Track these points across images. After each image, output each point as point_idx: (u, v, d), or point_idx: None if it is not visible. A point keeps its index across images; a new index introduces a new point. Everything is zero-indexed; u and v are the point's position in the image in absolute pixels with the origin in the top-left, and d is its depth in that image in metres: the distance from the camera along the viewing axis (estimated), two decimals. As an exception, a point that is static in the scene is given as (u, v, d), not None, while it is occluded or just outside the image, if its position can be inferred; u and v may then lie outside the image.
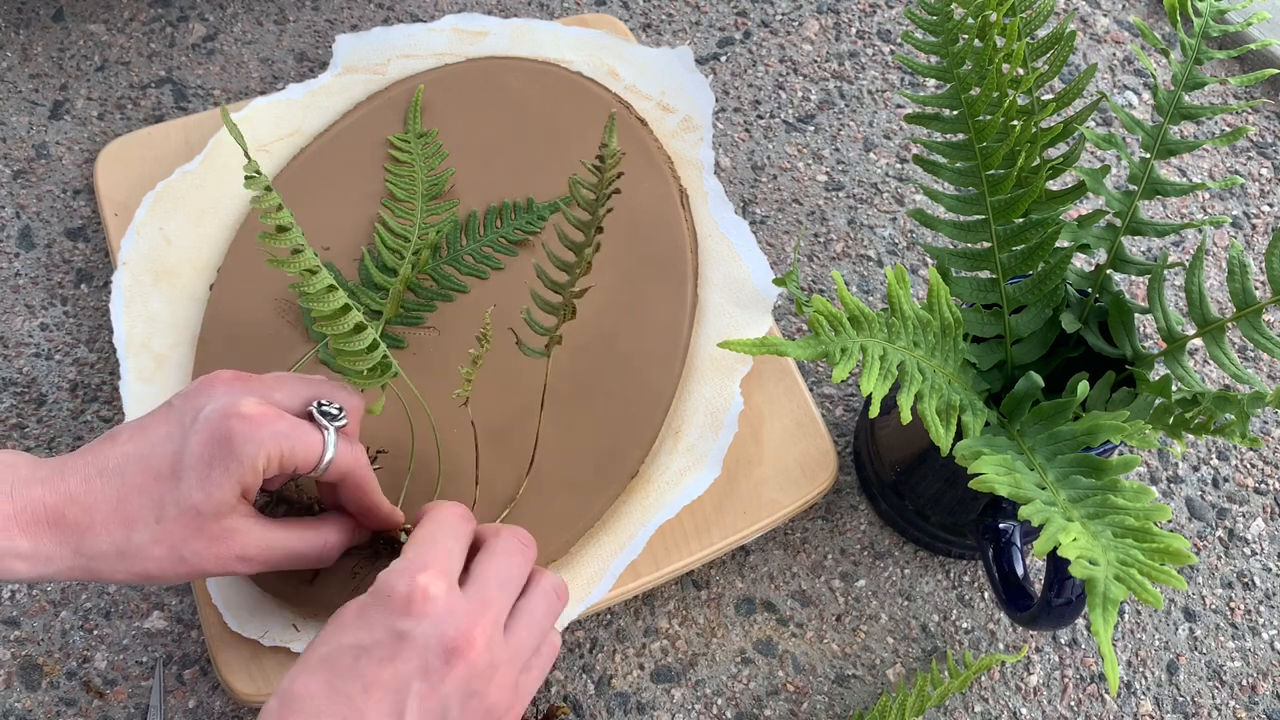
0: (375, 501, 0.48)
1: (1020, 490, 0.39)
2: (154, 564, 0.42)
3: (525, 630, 0.43)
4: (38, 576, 0.41)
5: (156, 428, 0.43)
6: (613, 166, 0.45)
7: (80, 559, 0.41)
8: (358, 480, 0.46)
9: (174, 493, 0.42)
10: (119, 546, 0.41)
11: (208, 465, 0.42)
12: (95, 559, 0.41)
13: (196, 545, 0.42)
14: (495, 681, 0.41)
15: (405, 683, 0.39)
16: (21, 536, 0.40)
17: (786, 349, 0.39)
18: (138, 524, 0.41)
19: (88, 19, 0.74)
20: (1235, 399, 0.41)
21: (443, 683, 0.39)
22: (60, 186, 0.67)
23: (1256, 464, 0.62)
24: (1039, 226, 0.48)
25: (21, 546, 0.40)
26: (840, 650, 0.56)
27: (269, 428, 0.42)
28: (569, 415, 0.55)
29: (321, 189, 0.62)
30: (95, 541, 0.41)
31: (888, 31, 0.77)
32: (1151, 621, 0.58)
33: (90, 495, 0.41)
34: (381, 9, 0.76)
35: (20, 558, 0.40)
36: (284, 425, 0.43)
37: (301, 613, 0.51)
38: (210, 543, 0.42)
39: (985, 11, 0.48)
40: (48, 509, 0.41)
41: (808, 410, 0.58)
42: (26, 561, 0.41)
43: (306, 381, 0.47)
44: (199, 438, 0.42)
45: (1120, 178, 0.71)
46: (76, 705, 0.52)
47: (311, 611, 0.51)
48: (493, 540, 0.44)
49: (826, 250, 0.68)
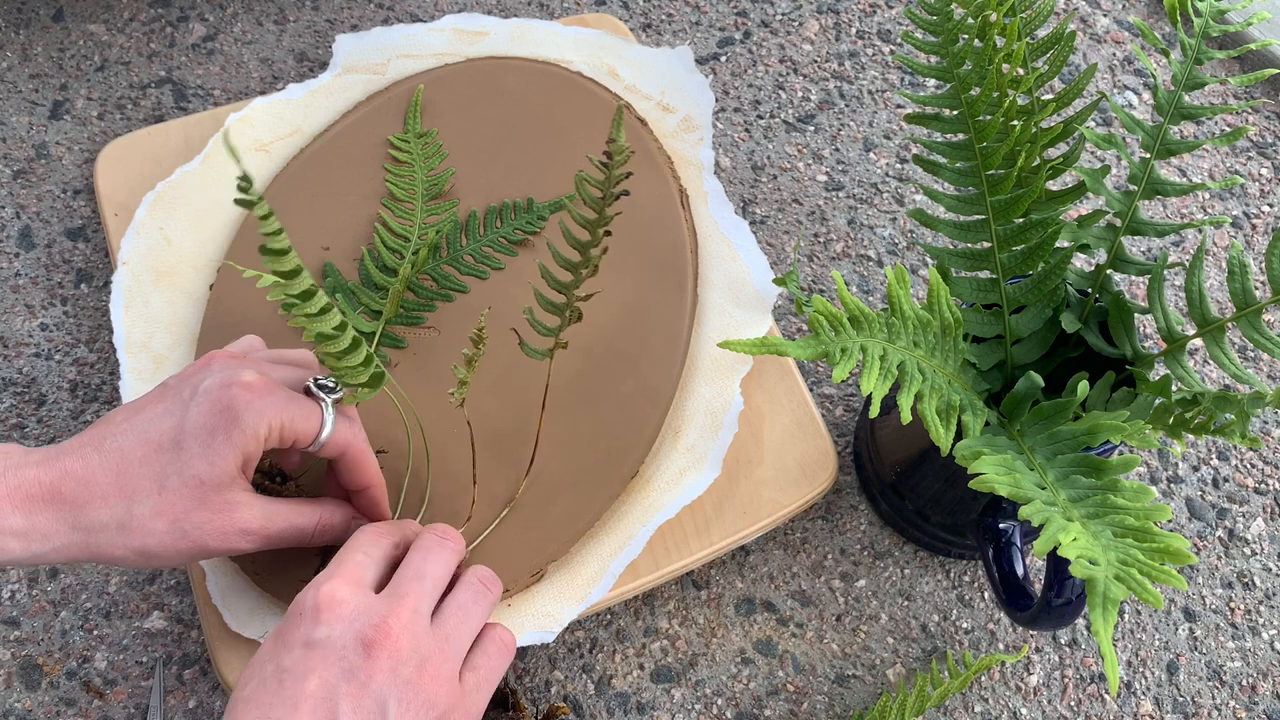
0: (372, 479, 0.48)
1: (1020, 490, 0.39)
2: (155, 538, 0.42)
3: (453, 619, 0.42)
4: (34, 556, 0.40)
5: (154, 405, 0.43)
6: (621, 164, 0.44)
7: (78, 534, 0.41)
8: (355, 455, 0.46)
9: (176, 463, 0.41)
10: (119, 519, 0.41)
11: (210, 434, 0.42)
12: (94, 532, 0.41)
13: (199, 517, 0.42)
14: (428, 671, 0.40)
15: (332, 689, 0.38)
16: (15, 513, 0.40)
17: (786, 349, 0.39)
18: (139, 495, 0.41)
19: (88, 19, 0.74)
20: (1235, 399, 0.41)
21: (370, 679, 0.39)
22: (60, 186, 0.67)
23: (1256, 464, 0.62)
24: (1039, 226, 0.48)
25: (15, 523, 0.40)
26: (840, 650, 0.56)
27: (270, 397, 0.43)
28: (569, 415, 0.55)
29: (321, 189, 0.62)
30: (95, 514, 0.41)
31: (888, 31, 0.77)
32: (1151, 621, 0.58)
33: (88, 470, 0.41)
34: (381, 9, 0.76)
35: (14, 535, 0.40)
36: (284, 395, 0.44)
37: (301, 613, 0.51)
38: (213, 514, 0.42)
39: (985, 11, 0.48)
40: (43, 486, 0.40)
41: (808, 410, 0.58)
42: (21, 539, 0.40)
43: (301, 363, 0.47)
44: (201, 408, 0.42)
45: (1120, 178, 0.71)
46: (76, 705, 0.52)
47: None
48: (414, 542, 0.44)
49: (826, 250, 0.68)
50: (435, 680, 0.40)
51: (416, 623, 0.41)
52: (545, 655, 0.55)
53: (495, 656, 0.44)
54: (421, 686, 0.40)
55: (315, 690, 0.38)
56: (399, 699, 0.39)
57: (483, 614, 0.44)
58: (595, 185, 0.45)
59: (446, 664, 0.41)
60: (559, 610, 0.51)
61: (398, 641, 0.40)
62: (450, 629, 0.42)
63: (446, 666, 0.41)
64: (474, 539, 0.52)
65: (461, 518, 0.52)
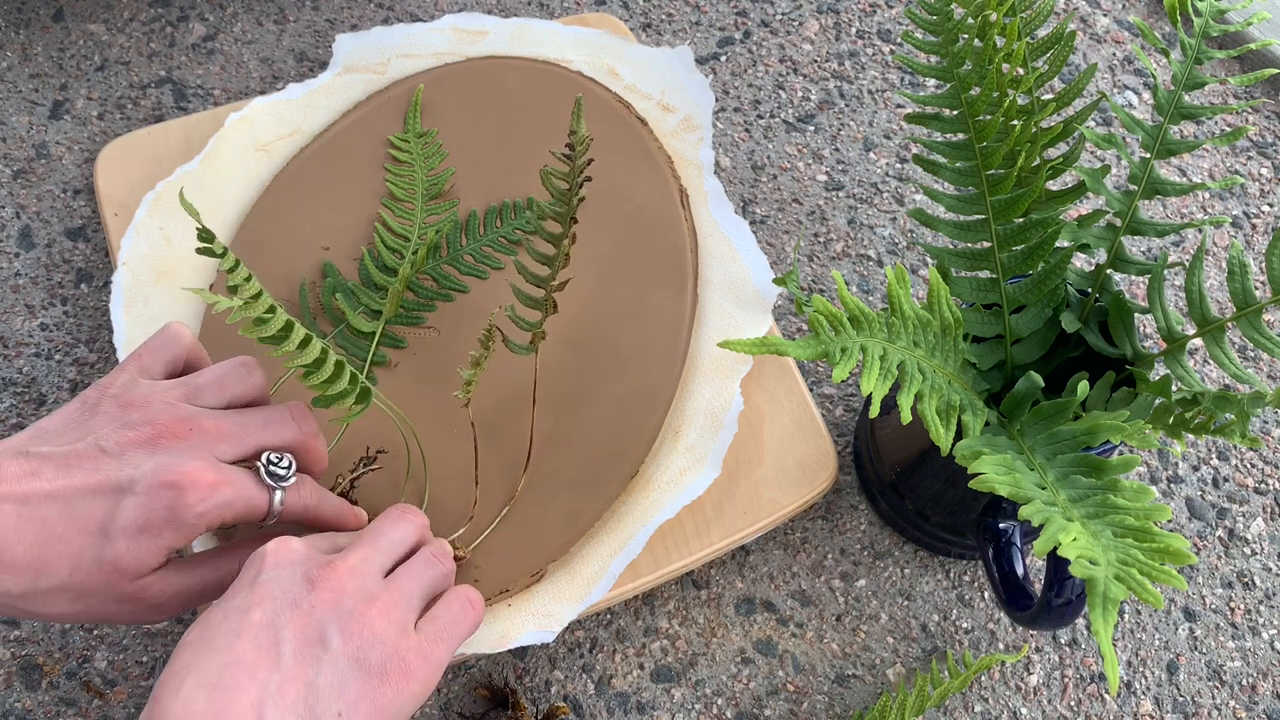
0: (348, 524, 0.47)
1: (1020, 490, 0.39)
2: (55, 609, 0.40)
3: (405, 576, 0.42)
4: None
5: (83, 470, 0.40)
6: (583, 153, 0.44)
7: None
8: (315, 517, 0.45)
9: (95, 548, 0.39)
10: (22, 588, 0.39)
11: (140, 532, 0.40)
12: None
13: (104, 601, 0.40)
14: (376, 606, 0.40)
15: (274, 618, 0.38)
16: None
17: (786, 349, 0.39)
18: (48, 571, 0.39)
19: (88, 19, 0.74)
20: (1235, 399, 0.41)
21: (314, 609, 0.38)
22: (60, 186, 0.67)
23: (1256, 464, 0.62)
24: (1039, 226, 0.48)
25: None
26: (840, 650, 0.56)
27: (214, 498, 0.40)
28: (569, 415, 0.55)
29: (321, 189, 0.62)
30: None
31: (888, 31, 0.77)
32: (1151, 621, 0.58)
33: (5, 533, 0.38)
34: (381, 9, 0.76)
35: None
36: (229, 492, 0.41)
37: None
38: (120, 602, 0.41)
39: (985, 11, 0.48)
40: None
41: (808, 410, 0.58)
42: None
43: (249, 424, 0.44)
44: (136, 503, 0.39)
45: (1120, 178, 0.71)
46: (76, 705, 0.52)
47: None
48: None
49: (826, 250, 0.68)
50: (383, 616, 0.40)
51: (364, 568, 0.41)
52: (545, 655, 0.55)
53: (457, 610, 0.43)
54: (367, 619, 0.39)
55: (258, 620, 0.38)
56: (341, 629, 0.39)
57: (433, 581, 0.44)
58: (560, 177, 0.45)
59: (396, 609, 0.41)
60: (559, 610, 0.51)
61: (342, 580, 0.40)
62: (400, 583, 0.42)
63: (396, 612, 0.41)
64: (474, 538, 0.52)
65: (463, 518, 0.52)
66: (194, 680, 0.36)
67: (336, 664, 0.38)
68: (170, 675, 0.37)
